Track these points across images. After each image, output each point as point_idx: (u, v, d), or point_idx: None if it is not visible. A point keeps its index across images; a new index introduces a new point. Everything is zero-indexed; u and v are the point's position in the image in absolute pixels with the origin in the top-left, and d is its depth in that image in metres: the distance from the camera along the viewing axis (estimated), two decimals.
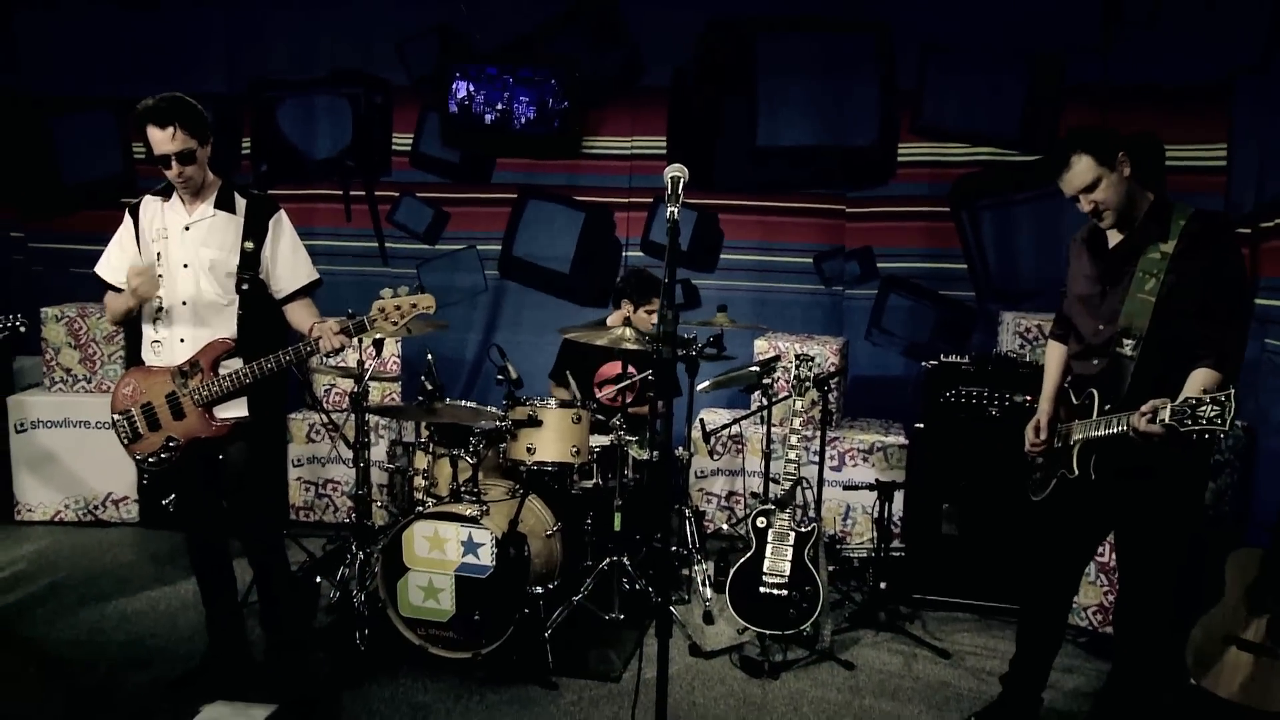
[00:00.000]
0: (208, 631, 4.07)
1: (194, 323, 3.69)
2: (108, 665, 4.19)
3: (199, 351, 3.66)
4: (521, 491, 4.44)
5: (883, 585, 4.87)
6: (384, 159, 6.78)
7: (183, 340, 3.70)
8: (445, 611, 4.19)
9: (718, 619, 4.78)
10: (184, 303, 3.68)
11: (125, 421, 3.76)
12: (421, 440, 4.86)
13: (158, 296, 3.70)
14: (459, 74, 6.48)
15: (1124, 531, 3.48)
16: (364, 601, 4.38)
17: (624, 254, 6.58)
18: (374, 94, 6.71)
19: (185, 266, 3.67)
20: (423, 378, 4.48)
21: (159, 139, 3.52)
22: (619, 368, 5.09)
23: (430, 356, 4.54)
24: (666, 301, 2.87)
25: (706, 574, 5.02)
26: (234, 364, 3.67)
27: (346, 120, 6.74)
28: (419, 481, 4.69)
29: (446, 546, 4.17)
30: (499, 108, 6.47)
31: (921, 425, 5.02)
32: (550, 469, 4.58)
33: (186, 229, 3.68)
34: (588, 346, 5.02)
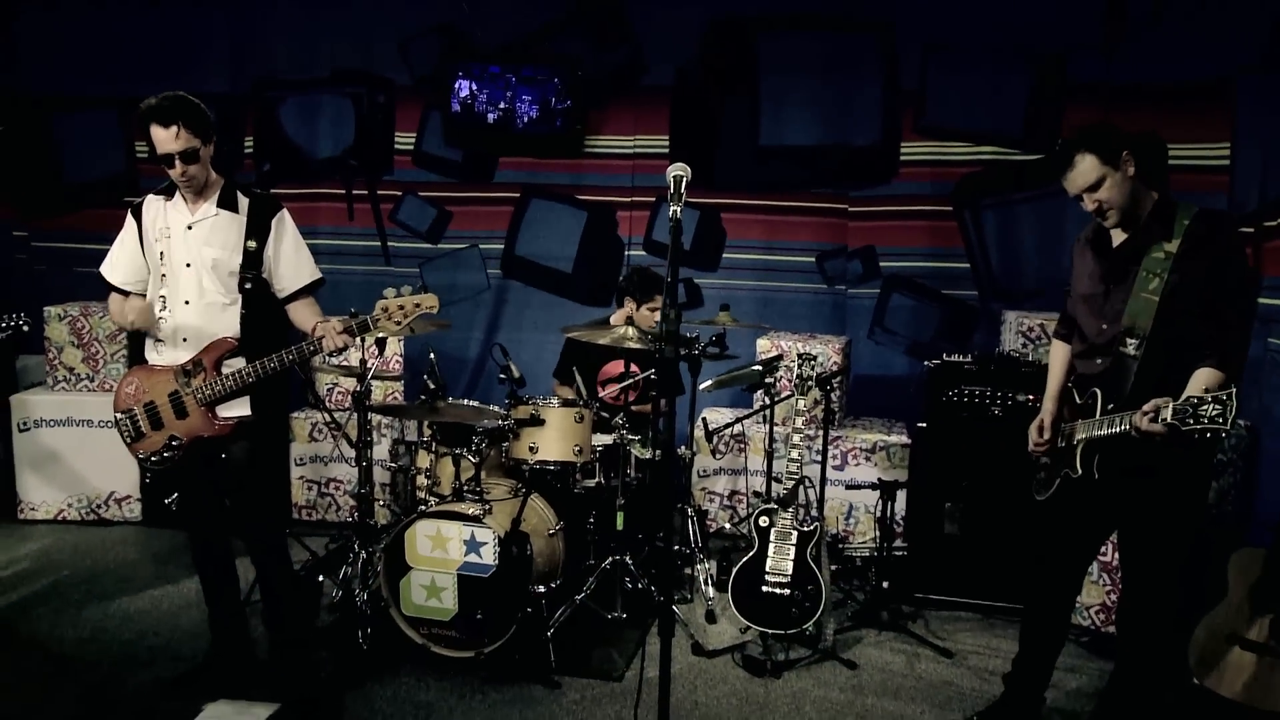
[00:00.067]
0: (210, 630, 4.07)
1: (197, 322, 3.69)
2: (110, 664, 4.20)
3: (202, 351, 3.67)
4: (524, 490, 4.45)
5: (885, 584, 4.87)
6: (386, 158, 6.77)
7: (185, 339, 3.70)
8: (448, 610, 4.19)
9: (720, 618, 4.78)
10: (186, 302, 3.68)
11: (128, 420, 3.76)
12: (424, 439, 4.86)
13: (160, 296, 3.71)
14: (461, 73, 6.47)
15: (1127, 531, 3.48)
16: (366, 600, 4.38)
17: (626, 253, 6.58)
18: (376, 93, 6.71)
19: (188, 266, 3.67)
20: (425, 376, 4.48)
21: (162, 138, 3.52)
22: (622, 366, 5.09)
23: (433, 355, 4.55)
24: (669, 300, 2.87)
25: (709, 573, 5.02)
26: (237, 363, 3.67)
27: (349, 119, 6.74)
28: (421, 480, 4.69)
29: (449, 545, 4.17)
30: (501, 107, 6.47)
31: (924, 424, 5.01)
32: (553, 468, 4.58)
33: (189, 228, 3.68)
34: (590, 345, 5.02)
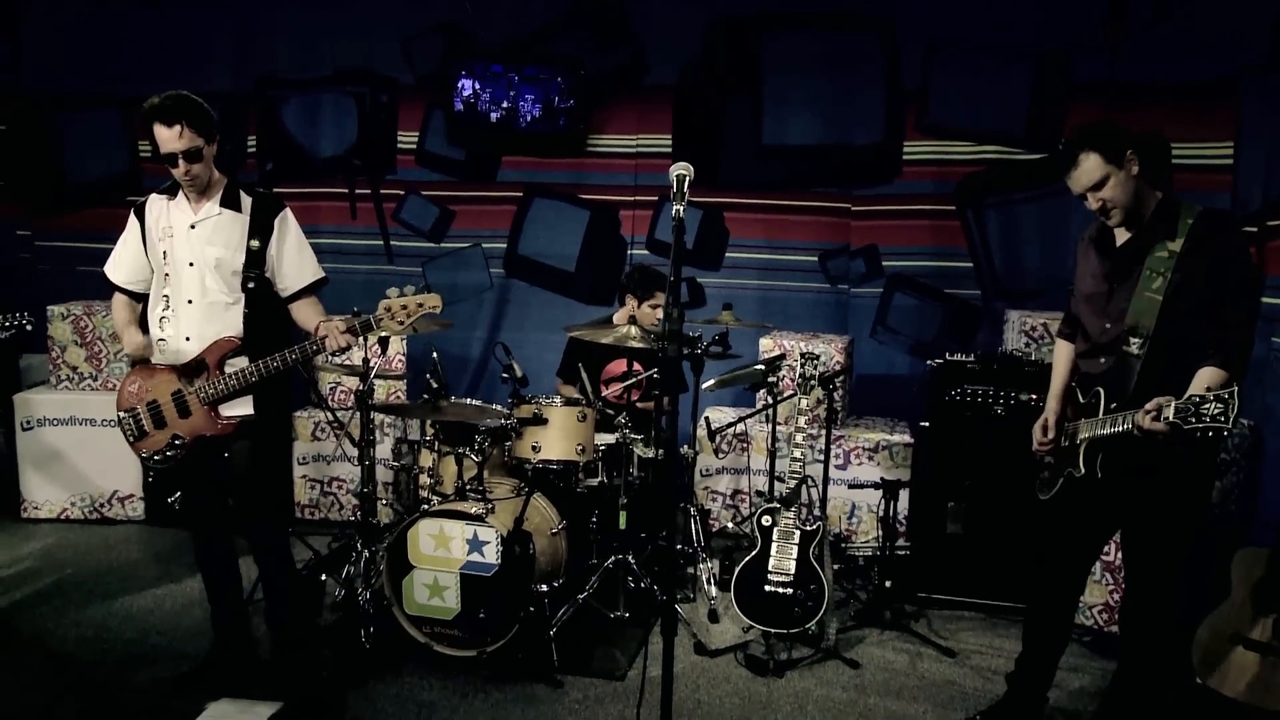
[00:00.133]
0: (213, 629, 4.08)
1: (200, 321, 3.68)
2: (114, 662, 4.20)
3: (205, 350, 3.67)
4: (527, 489, 4.45)
5: (888, 584, 4.87)
6: (389, 157, 6.77)
7: (188, 339, 3.69)
8: (450, 609, 4.19)
9: (723, 617, 4.78)
10: (190, 301, 3.68)
11: (131, 419, 3.77)
12: (427, 438, 4.86)
13: (163, 295, 3.72)
14: (464, 72, 6.47)
15: (1130, 530, 3.47)
16: (369, 599, 4.38)
17: (629, 252, 6.57)
18: (379, 92, 6.71)
19: (191, 265, 3.67)
20: (428, 376, 4.48)
21: (166, 137, 3.52)
22: (624, 365, 5.09)
23: (435, 354, 4.55)
24: (672, 299, 2.86)
25: (711, 572, 5.02)
26: (240, 362, 3.67)
27: (352, 118, 6.74)
28: (424, 479, 4.69)
29: (452, 544, 4.18)
30: (504, 106, 6.46)
31: (927, 424, 5.01)
32: (555, 467, 4.59)
33: (192, 227, 3.68)
34: (594, 345, 5.02)
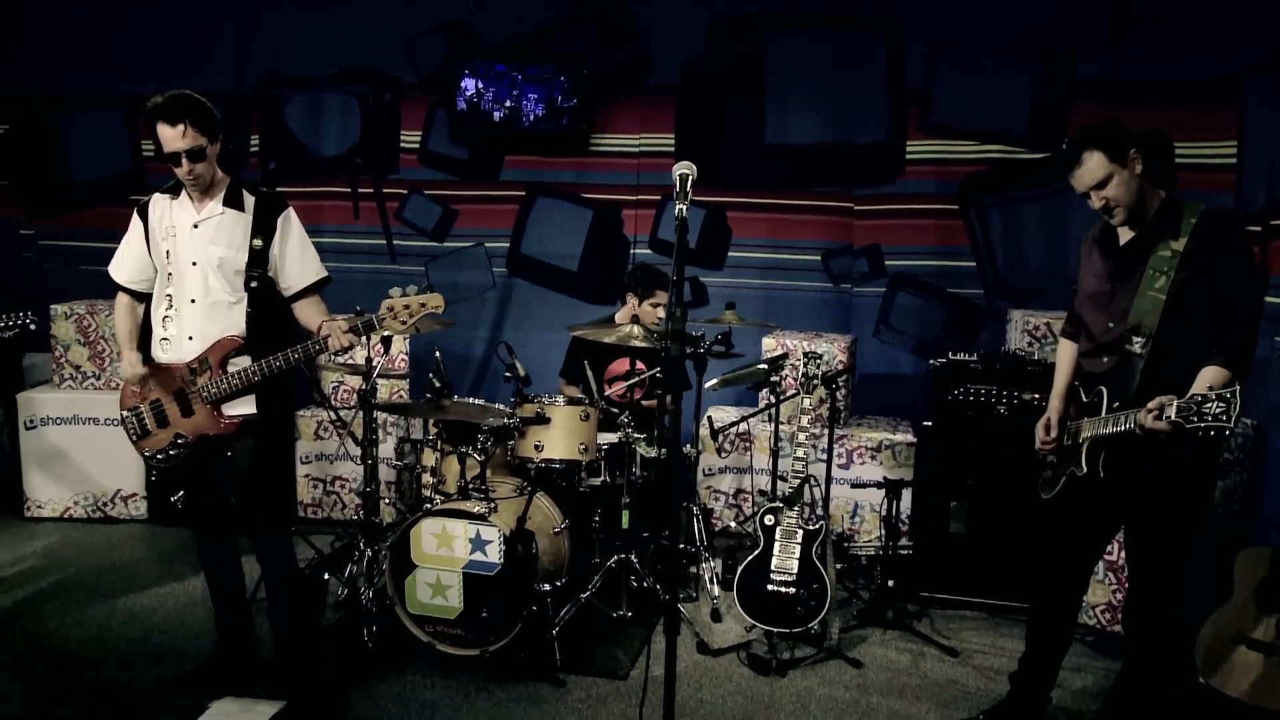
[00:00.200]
0: (216, 628, 4.07)
1: (203, 320, 3.68)
2: (117, 661, 4.20)
3: (208, 349, 3.67)
4: (529, 489, 4.45)
5: (890, 583, 4.87)
6: (392, 156, 6.77)
7: (191, 338, 3.70)
8: (453, 609, 4.19)
9: (725, 617, 4.78)
10: (192, 301, 3.68)
11: (134, 418, 3.77)
12: (429, 437, 4.86)
13: (166, 295, 3.72)
14: (467, 71, 6.47)
15: (1133, 529, 3.47)
16: (372, 599, 4.39)
17: (632, 251, 6.57)
18: (382, 91, 6.71)
19: (194, 264, 3.67)
20: (431, 375, 4.48)
21: (169, 136, 3.51)
22: (627, 365, 5.09)
23: (438, 354, 4.55)
24: (675, 299, 2.86)
25: (714, 571, 5.02)
26: (242, 361, 3.67)
27: (355, 118, 6.75)
28: (427, 479, 4.68)
29: (454, 544, 4.18)
30: (507, 105, 6.46)
31: (930, 423, 5.00)
32: (558, 466, 4.59)
33: (195, 227, 3.68)
34: (596, 344, 5.01)
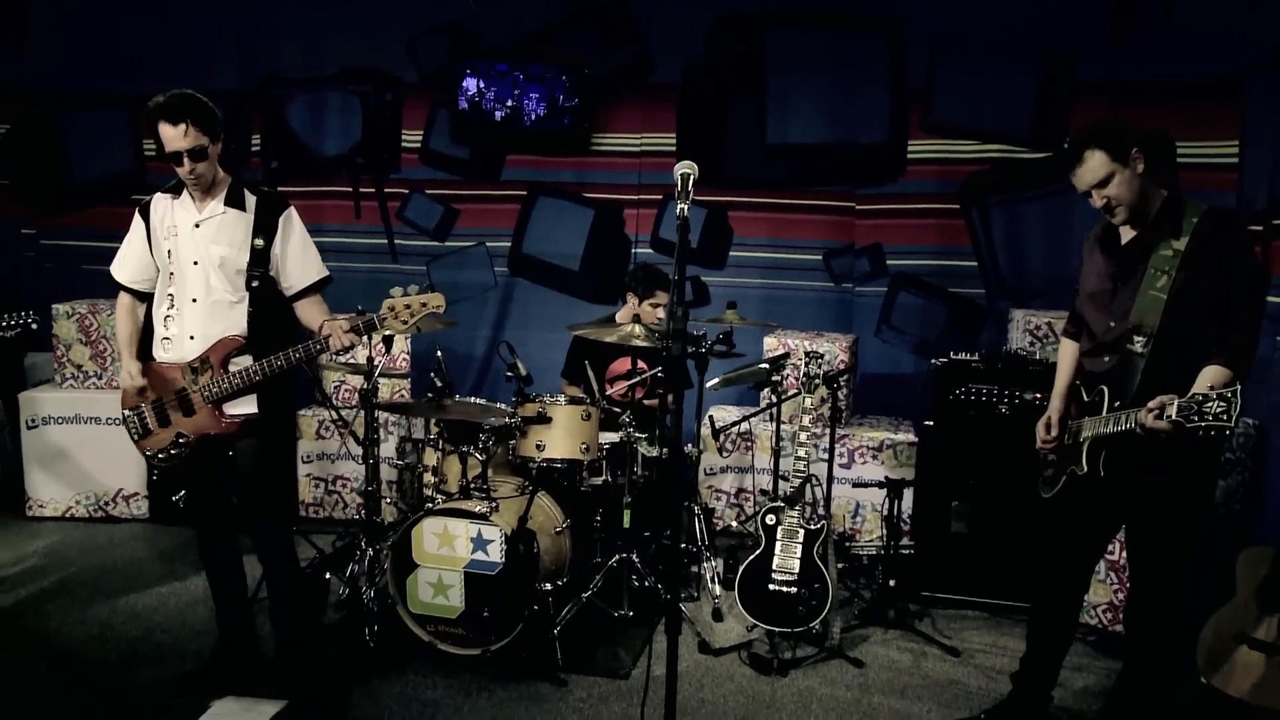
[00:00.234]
0: (217, 627, 4.07)
1: (204, 320, 3.68)
2: (118, 660, 4.21)
3: (209, 348, 3.67)
4: (531, 488, 4.45)
5: (892, 583, 4.87)
6: (394, 156, 6.78)
7: (193, 337, 3.70)
8: (454, 608, 4.19)
9: (727, 616, 4.78)
10: (194, 300, 3.68)
11: (135, 418, 3.77)
12: (431, 437, 4.86)
13: (168, 294, 3.73)
14: (469, 71, 6.47)
15: (1134, 529, 3.47)
16: (373, 598, 4.39)
17: (633, 251, 6.57)
18: (384, 91, 6.71)
19: (195, 264, 3.67)
20: (432, 374, 4.48)
21: (171, 136, 3.51)
22: (628, 364, 5.09)
23: (440, 353, 4.55)
24: (676, 298, 2.86)
25: (715, 571, 5.02)
26: (244, 361, 3.67)
27: (356, 117, 6.75)
28: (428, 478, 4.68)
29: (456, 543, 4.18)
30: (509, 104, 6.46)
31: (931, 423, 5.00)
32: (560, 466, 4.59)
33: (197, 226, 3.68)
34: (597, 343, 5.01)
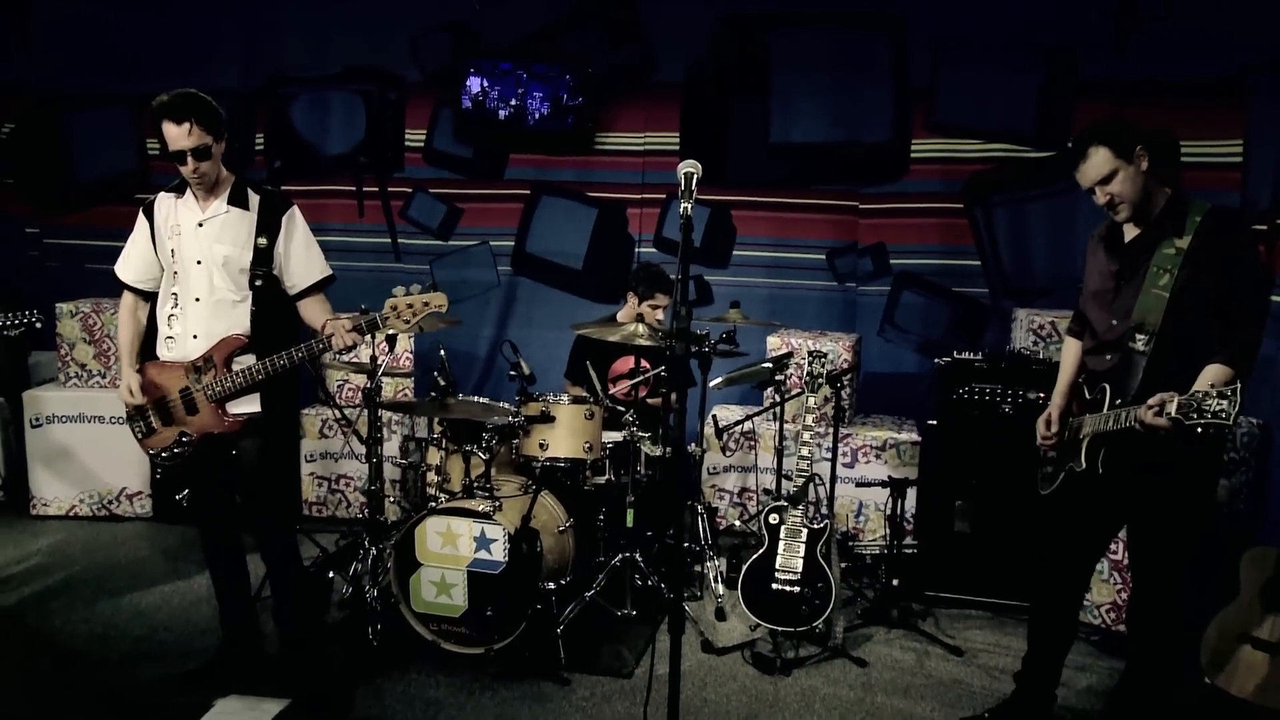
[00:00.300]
0: (221, 626, 4.08)
1: (207, 319, 3.69)
2: (122, 659, 4.21)
3: (212, 347, 3.67)
4: (534, 487, 4.45)
5: (895, 582, 4.87)
6: (397, 155, 6.78)
7: (196, 336, 3.70)
8: (458, 607, 4.19)
9: (730, 615, 4.78)
10: (197, 299, 3.69)
11: (140, 417, 3.78)
12: (434, 436, 4.86)
13: (172, 293, 3.73)
14: (472, 70, 6.47)
15: (1135, 529, 3.47)
16: (376, 597, 4.39)
17: (637, 250, 6.57)
18: (387, 90, 6.71)
19: (199, 263, 3.67)
20: (435, 373, 4.48)
21: (174, 135, 3.51)
22: (631, 363, 5.09)
23: (443, 352, 4.55)
24: (680, 298, 2.86)
25: (719, 570, 5.02)
26: (247, 360, 3.68)
27: (360, 116, 6.75)
28: (431, 477, 4.68)
29: (459, 542, 4.18)
30: (512, 103, 6.46)
31: (934, 422, 5.00)
32: (563, 465, 4.59)
33: (200, 225, 3.68)
34: (600, 342, 5.01)
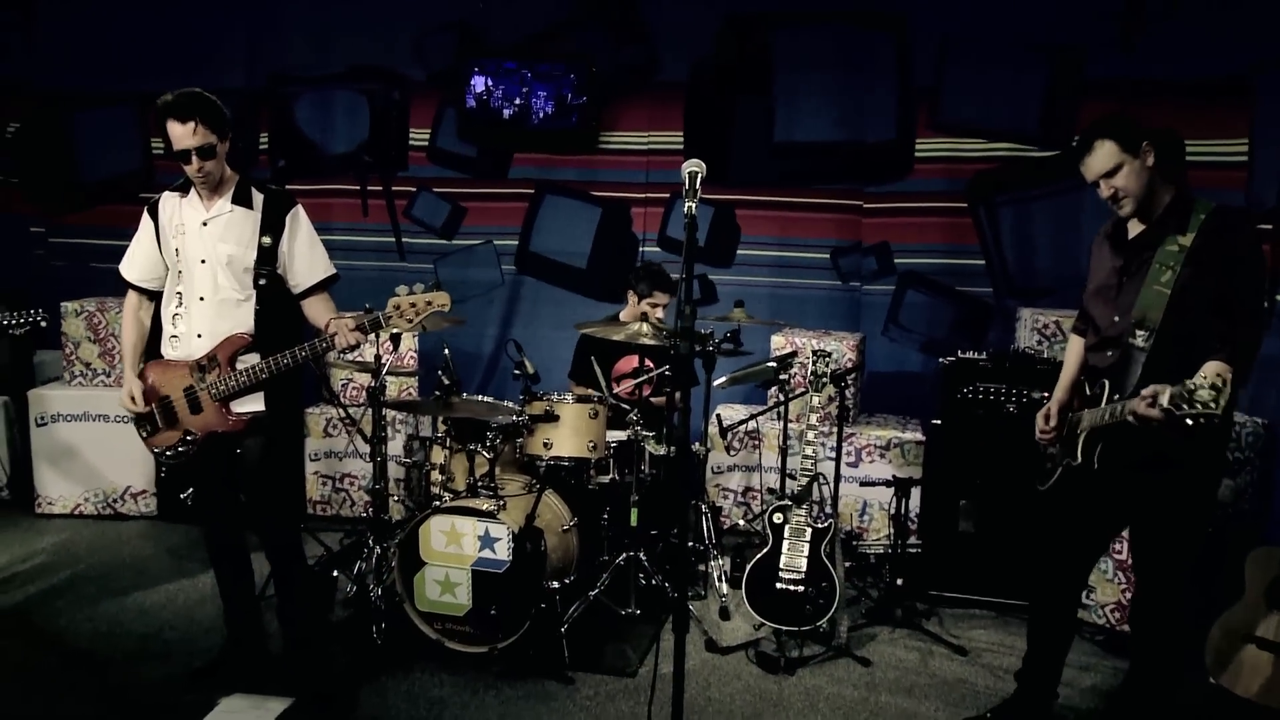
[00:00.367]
0: (225, 625, 4.09)
1: (211, 318, 3.69)
2: (126, 658, 4.22)
3: (216, 346, 3.67)
4: (538, 486, 4.45)
5: (899, 582, 4.86)
6: (401, 154, 6.78)
7: (200, 335, 3.70)
8: (462, 606, 4.19)
9: (734, 615, 4.78)
10: (201, 298, 3.69)
11: (145, 415, 3.78)
12: (438, 435, 4.86)
13: (176, 292, 3.73)
14: (477, 69, 6.47)
15: (1137, 528, 3.47)
16: (381, 596, 4.39)
17: (641, 249, 6.57)
18: (391, 89, 6.71)
19: (203, 262, 3.68)
20: (440, 372, 4.48)
21: (179, 134, 3.52)
22: (635, 362, 5.09)
23: (447, 351, 4.55)
24: (684, 296, 2.86)
25: (723, 570, 5.02)
26: (251, 359, 3.68)
27: (364, 115, 6.75)
28: (436, 476, 4.69)
29: (463, 541, 4.18)
30: (516, 102, 6.46)
31: (939, 421, 4.99)
32: (567, 464, 4.59)
33: (204, 224, 3.68)
34: (604, 341, 5.01)
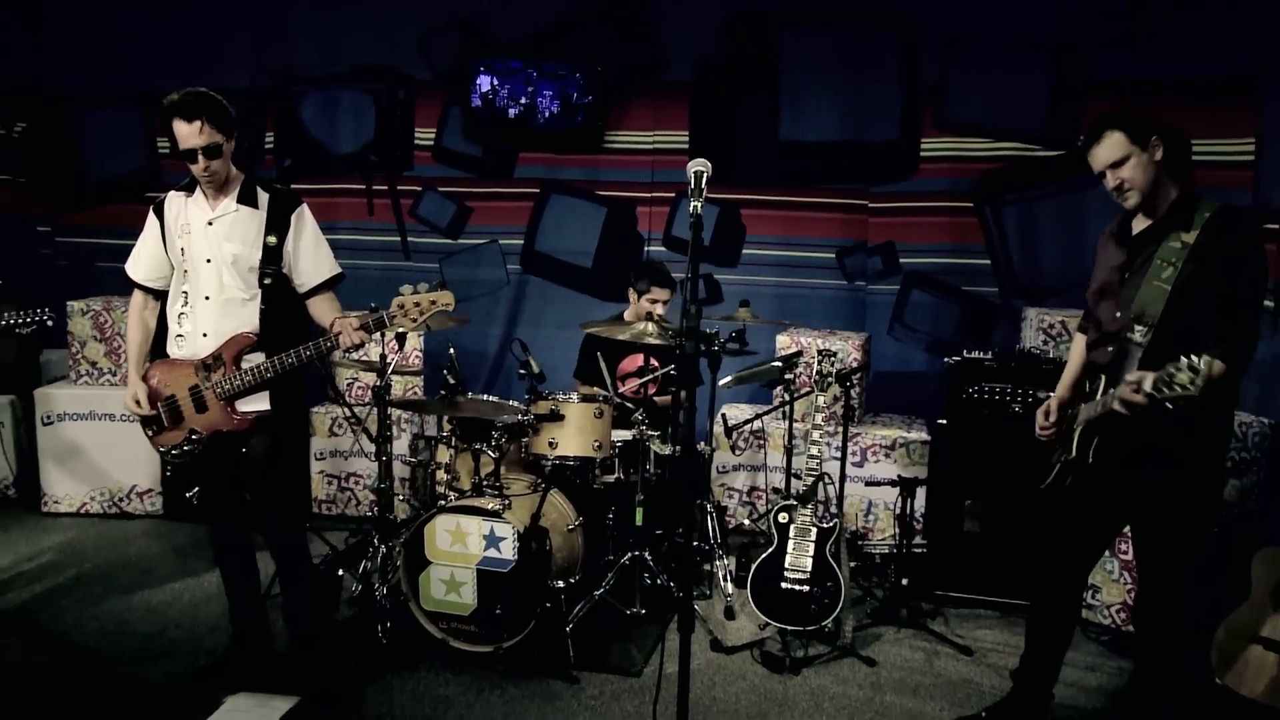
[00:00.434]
0: (230, 623, 4.10)
1: (217, 317, 3.70)
2: (131, 656, 4.23)
3: (221, 345, 3.68)
4: (543, 486, 4.45)
5: (904, 581, 4.86)
6: (406, 153, 6.78)
7: (205, 334, 3.71)
8: (467, 605, 4.20)
9: (739, 614, 4.77)
10: (207, 297, 3.69)
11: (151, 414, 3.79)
12: (444, 434, 4.87)
13: (182, 292, 3.74)
14: (482, 68, 6.47)
15: (1139, 529, 3.46)
16: (386, 595, 4.39)
17: (646, 249, 6.57)
18: (397, 88, 6.72)
19: (208, 261, 3.68)
20: (445, 372, 4.49)
21: (185, 133, 3.53)
22: (640, 361, 5.09)
23: (452, 350, 4.56)
24: (690, 295, 2.86)
25: (728, 569, 5.01)
26: (256, 358, 3.68)
27: (369, 115, 6.76)
28: (441, 475, 4.70)
29: (468, 540, 4.18)
30: (522, 102, 6.46)
31: (944, 421, 4.99)
32: (572, 463, 4.59)
33: (209, 224, 3.69)
34: (609, 340, 5.02)
